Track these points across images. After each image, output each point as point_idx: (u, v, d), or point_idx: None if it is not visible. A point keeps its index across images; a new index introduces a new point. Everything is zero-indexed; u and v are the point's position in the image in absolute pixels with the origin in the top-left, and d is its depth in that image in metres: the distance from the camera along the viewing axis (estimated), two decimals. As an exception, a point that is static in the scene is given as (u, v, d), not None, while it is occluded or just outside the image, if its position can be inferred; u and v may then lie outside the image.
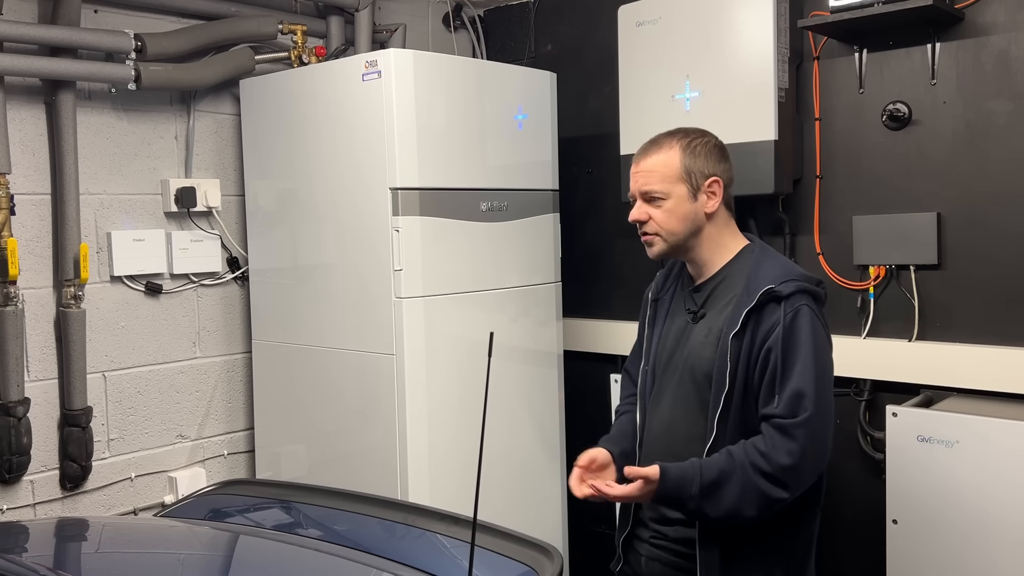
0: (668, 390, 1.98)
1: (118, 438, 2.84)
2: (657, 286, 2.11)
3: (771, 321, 1.82)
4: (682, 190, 1.90)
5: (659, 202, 1.91)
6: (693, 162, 1.91)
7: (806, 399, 1.78)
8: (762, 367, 1.83)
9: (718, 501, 1.77)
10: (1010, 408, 2.40)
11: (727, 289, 1.93)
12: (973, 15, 2.53)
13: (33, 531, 2.10)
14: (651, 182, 1.91)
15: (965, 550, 2.34)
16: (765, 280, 1.85)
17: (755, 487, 1.77)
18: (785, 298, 1.83)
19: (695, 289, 1.99)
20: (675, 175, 1.91)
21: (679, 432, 1.94)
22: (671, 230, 1.92)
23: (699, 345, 1.93)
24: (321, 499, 2.20)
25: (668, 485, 1.78)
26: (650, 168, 1.92)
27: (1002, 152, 2.51)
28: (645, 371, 2.05)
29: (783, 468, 1.76)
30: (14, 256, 2.51)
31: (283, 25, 3.02)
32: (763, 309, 1.83)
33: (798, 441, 1.77)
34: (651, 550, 2.00)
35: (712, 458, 1.81)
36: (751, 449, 1.79)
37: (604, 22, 3.24)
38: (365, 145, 2.62)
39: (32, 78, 2.61)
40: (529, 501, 2.94)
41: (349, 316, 2.72)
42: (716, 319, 1.92)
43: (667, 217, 1.91)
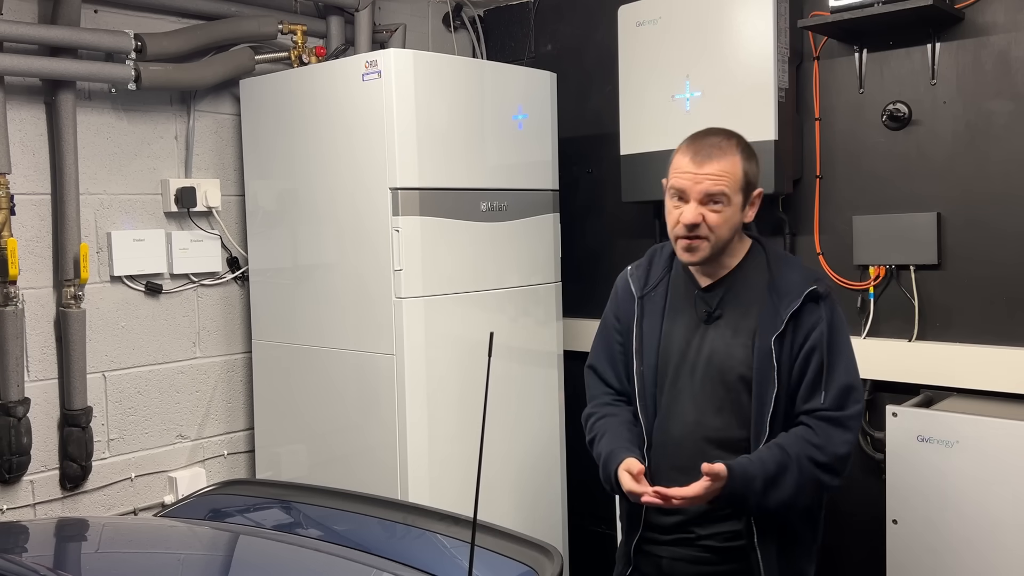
0: (684, 392, 1.95)
1: (118, 438, 2.84)
2: (640, 283, 2.05)
3: (812, 320, 1.87)
4: (739, 200, 1.90)
5: (720, 207, 1.87)
6: (750, 169, 1.91)
7: (856, 392, 1.89)
8: (803, 365, 1.87)
9: (777, 493, 1.81)
10: (1010, 408, 2.40)
11: (745, 290, 1.94)
12: (973, 15, 2.53)
13: (33, 531, 2.10)
14: (719, 186, 1.86)
15: (965, 550, 2.34)
16: (795, 281, 1.90)
17: (812, 477, 1.83)
18: (823, 297, 1.89)
19: (705, 289, 1.97)
20: (739, 183, 1.89)
21: (711, 435, 1.92)
22: (721, 236, 1.89)
23: (726, 347, 1.91)
24: (321, 499, 2.20)
25: (735, 483, 1.79)
26: (718, 173, 1.86)
27: (1002, 152, 2.51)
28: (641, 372, 2.00)
29: (839, 458, 1.85)
30: (14, 256, 2.51)
31: (283, 25, 3.02)
32: (802, 309, 1.87)
33: (852, 431, 1.87)
34: (675, 550, 1.98)
35: (766, 453, 1.84)
36: (802, 442, 1.84)
37: (604, 22, 3.24)
38: (365, 145, 2.62)
39: (32, 78, 2.61)
40: (529, 501, 2.94)
41: (349, 316, 2.72)
42: (741, 320, 1.92)
43: (722, 223, 1.88)
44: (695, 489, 1.78)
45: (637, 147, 2.94)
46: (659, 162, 2.86)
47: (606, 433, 2.01)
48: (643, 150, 2.91)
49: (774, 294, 1.89)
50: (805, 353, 1.87)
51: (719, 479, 1.77)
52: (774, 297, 1.89)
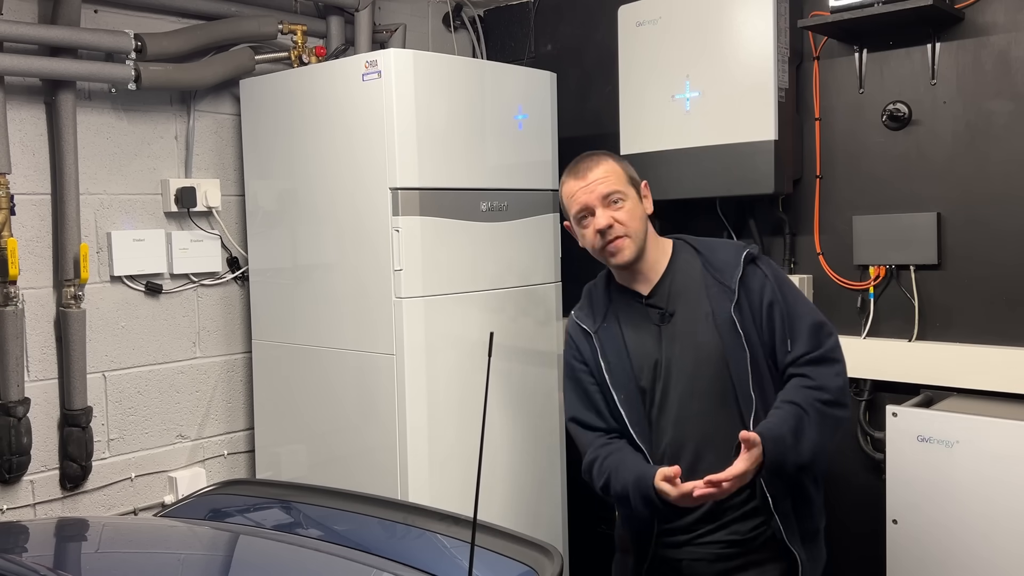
0: (675, 394, 1.99)
1: (118, 438, 2.84)
2: (589, 320, 2.11)
3: (758, 281, 1.99)
4: (633, 192, 2.05)
5: (621, 203, 2.02)
6: (628, 170, 2.08)
7: (825, 326, 1.99)
8: (769, 324, 1.97)
9: (808, 442, 1.87)
10: (1010, 408, 2.40)
11: (686, 281, 2.05)
12: (973, 15, 2.53)
13: (33, 531, 2.10)
14: (611, 184, 2.02)
15: (965, 550, 2.34)
16: (729, 253, 2.03)
17: (827, 416, 1.91)
18: (758, 258, 2.04)
19: (649, 296, 2.06)
20: (624, 179, 2.05)
21: (718, 420, 1.96)
22: (636, 229, 2.02)
23: (693, 336, 1.99)
24: (321, 499, 2.20)
25: (769, 444, 1.83)
26: (603, 175, 2.03)
27: (1002, 152, 2.51)
28: (624, 400, 2.02)
29: (839, 389, 1.94)
30: (14, 256, 2.51)
31: (283, 25, 3.02)
32: (745, 274, 1.99)
33: (839, 361, 1.97)
34: (695, 551, 2.01)
35: (780, 412, 1.90)
36: (803, 390, 1.92)
37: (604, 22, 3.24)
38: (365, 145, 2.62)
39: (32, 78, 2.61)
40: (529, 501, 2.94)
41: (349, 316, 2.72)
42: (695, 308, 2.01)
43: (630, 217, 2.02)
44: (740, 465, 1.81)
45: (637, 147, 2.93)
46: (659, 162, 2.87)
47: (619, 466, 2.00)
48: (643, 150, 2.91)
49: (713, 272, 2.01)
50: (766, 311, 1.97)
51: (756, 445, 1.81)
52: (715, 274, 2.01)
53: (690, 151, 2.79)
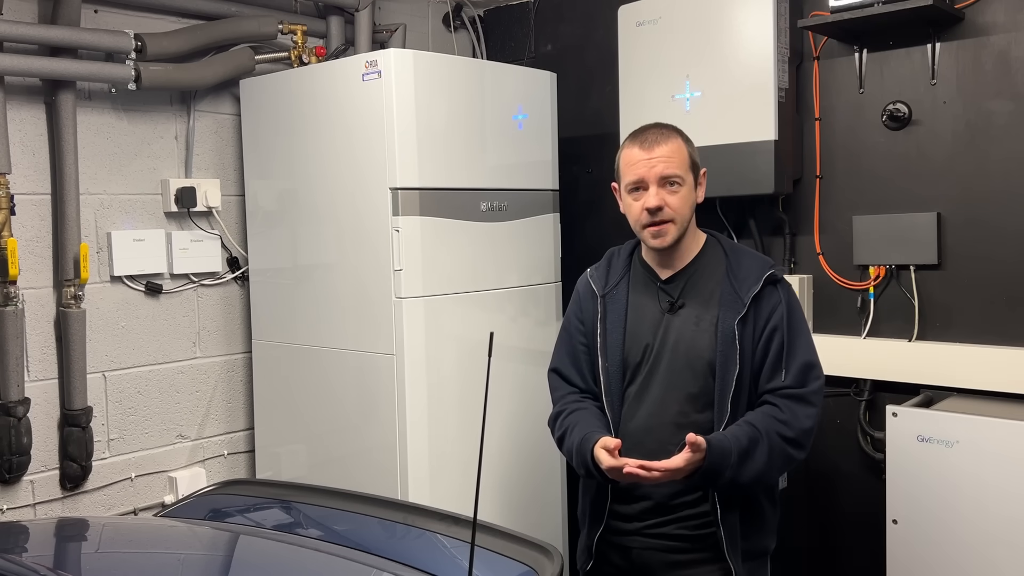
0: (653, 382, 2.02)
1: (118, 438, 2.84)
2: (601, 283, 2.12)
3: (771, 303, 1.98)
4: (691, 179, 2.02)
5: (676, 187, 1.98)
6: (694, 152, 2.04)
7: (816, 369, 1.98)
8: (766, 346, 1.96)
9: (751, 467, 1.88)
10: (1010, 408, 2.40)
11: (705, 279, 2.03)
12: (973, 15, 2.53)
13: (33, 531, 2.10)
14: (673, 167, 1.98)
15: (965, 550, 2.34)
16: (753, 266, 2.01)
17: (781, 451, 1.91)
18: (779, 281, 2.01)
19: (666, 281, 2.06)
20: (687, 163, 2.01)
21: (679, 420, 1.98)
22: (684, 216, 2.00)
23: (692, 334, 1.99)
24: (321, 499, 2.20)
25: (713, 456, 1.84)
26: (668, 154, 1.98)
27: (1002, 152, 2.51)
28: (607, 368, 2.05)
29: (804, 431, 1.93)
30: (14, 256, 2.51)
31: (283, 25, 3.02)
32: (761, 292, 1.97)
33: (815, 406, 1.96)
34: (645, 540, 2.03)
35: (738, 429, 1.90)
36: (769, 419, 1.92)
37: (604, 22, 3.24)
38: (365, 145, 2.62)
39: (32, 78, 2.61)
40: (529, 501, 2.94)
41: (349, 316, 2.72)
42: (704, 308, 2.00)
43: (682, 203, 1.99)
44: (676, 461, 1.82)
45: (637, 146, 2.93)
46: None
47: (577, 424, 2.05)
48: (643, 150, 2.91)
49: (733, 280, 1.99)
50: (767, 334, 1.96)
51: (700, 450, 1.82)
52: (733, 283, 1.99)
53: (690, 151, 2.79)
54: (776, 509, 2.08)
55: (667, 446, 1.91)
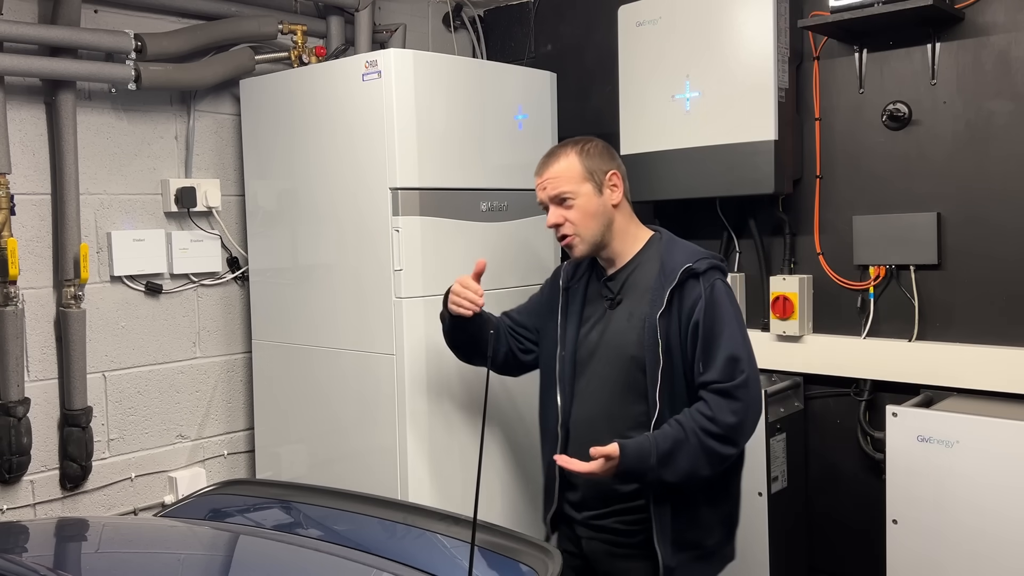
0: (594, 375, 2.10)
1: (118, 438, 2.84)
2: (567, 275, 2.22)
3: (693, 296, 2.00)
4: (588, 188, 2.08)
5: (570, 202, 2.07)
6: (591, 162, 2.10)
7: (741, 362, 1.96)
8: (692, 339, 1.99)
9: (675, 467, 1.92)
10: (1010, 408, 2.40)
11: (642, 275, 2.09)
12: (973, 15, 2.53)
13: (33, 531, 2.10)
14: (559, 185, 2.08)
15: (965, 550, 2.34)
16: (679, 261, 2.03)
17: (707, 448, 1.93)
18: (702, 274, 2.02)
19: (609, 278, 2.13)
20: (579, 176, 2.08)
21: (616, 413, 2.06)
22: (587, 227, 2.08)
23: (622, 329, 2.07)
24: (321, 499, 2.20)
25: (628, 460, 1.91)
26: (555, 174, 2.09)
27: (1002, 152, 2.51)
28: (562, 356, 2.14)
29: (730, 427, 1.94)
30: (14, 256, 2.51)
31: (283, 25, 3.02)
32: (683, 287, 2.00)
33: (741, 400, 1.95)
34: (589, 532, 2.12)
35: (662, 429, 1.95)
36: (696, 415, 1.95)
37: (604, 22, 3.24)
38: (365, 145, 2.62)
39: (32, 78, 2.61)
40: (529, 501, 2.94)
41: (349, 316, 2.72)
42: (636, 304, 2.07)
43: (581, 215, 2.07)
44: (590, 466, 1.90)
45: (637, 147, 2.94)
46: (659, 162, 2.87)
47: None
48: (643, 150, 2.92)
49: (662, 275, 2.04)
50: (692, 328, 1.99)
51: (612, 459, 1.89)
52: (661, 278, 2.04)
53: (690, 151, 2.79)
54: (718, 505, 2.07)
55: (603, 438, 1.96)
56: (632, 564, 2.07)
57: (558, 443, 2.13)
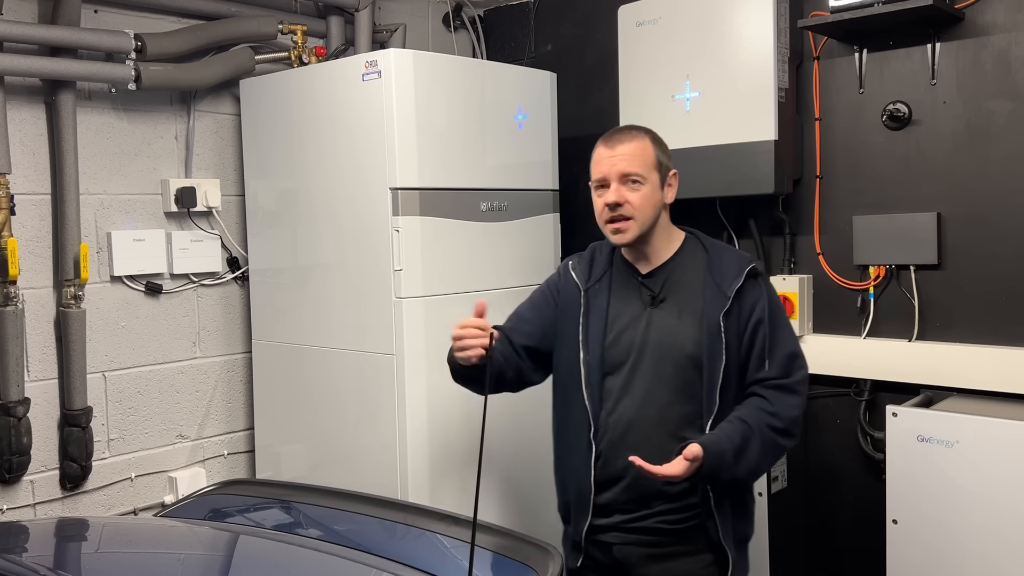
0: (638, 376, 2.02)
1: (118, 438, 2.84)
2: (583, 276, 2.13)
3: (754, 296, 2.02)
4: (655, 178, 2.03)
5: (638, 186, 2.00)
6: (662, 154, 2.06)
7: (799, 359, 2.04)
8: (750, 338, 2.00)
9: (747, 463, 1.93)
10: (1010, 408, 2.40)
11: (685, 275, 2.06)
12: (973, 15, 2.53)
13: (33, 531, 2.10)
14: (633, 165, 2.00)
15: (965, 550, 2.34)
16: (733, 261, 2.05)
17: (773, 443, 1.96)
18: (760, 274, 2.05)
19: (646, 276, 2.08)
20: (652, 163, 2.03)
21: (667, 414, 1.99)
22: (645, 215, 2.02)
23: (674, 327, 2.01)
24: (321, 499, 2.20)
25: (710, 459, 1.87)
26: (631, 153, 2.01)
27: (1002, 152, 2.51)
28: (587, 361, 2.05)
29: (792, 420, 1.99)
30: (14, 256, 2.51)
31: (283, 25, 3.02)
32: (744, 286, 2.01)
33: (800, 395, 2.01)
34: (624, 536, 2.04)
35: (729, 427, 1.94)
36: (760, 412, 1.96)
37: (604, 22, 3.24)
38: (365, 145, 2.62)
39: (32, 78, 2.61)
40: (529, 501, 2.94)
41: (349, 316, 2.72)
42: (685, 302, 2.03)
43: (643, 202, 2.01)
44: (676, 468, 1.85)
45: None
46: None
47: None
48: (643, 150, 2.91)
49: (715, 275, 2.03)
50: (752, 326, 2.00)
51: (697, 460, 1.85)
52: (715, 277, 2.02)
53: (690, 151, 2.79)
54: (753, 500, 2.14)
55: (652, 439, 1.95)
56: (672, 564, 2.02)
57: (591, 449, 2.02)
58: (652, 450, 1.90)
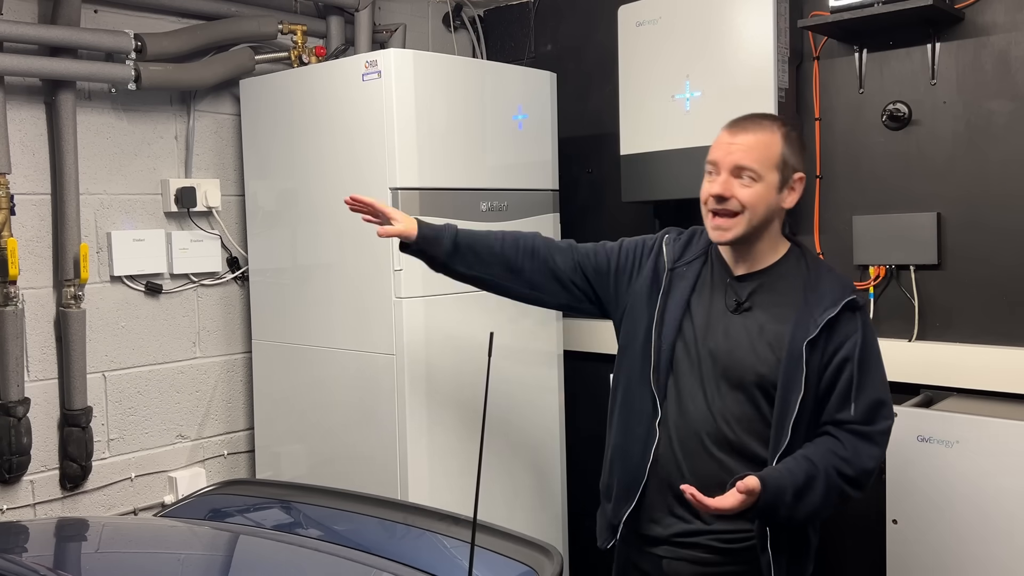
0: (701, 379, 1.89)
1: (118, 438, 2.84)
2: (674, 254, 1.97)
3: (847, 330, 1.82)
4: (774, 178, 1.85)
5: (751, 182, 1.83)
6: (790, 153, 1.87)
7: (886, 408, 1.85)
8: (834, 374, 1.82)
9: (806, 505, 1.77)
10: (1010, 408, 2.40)
11: (779, 288, 1.89)
12: (973, 15, 2.53)
13: (33, 531, 2.10)
14: (750, 158, 1.83)
15: (965, 550, 2.34)
16: (833, 287, 1.86)
17: (838, 489, 1.79)
18: (860, 308, 1.86)
19: (738, 279, 1.91)
20: (774, 160, 1.85)
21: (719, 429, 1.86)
22: (756, 214, 1.84)
23: (750, 342, 1.85)
24: (321, 499, 2.20)
25: (768, 496, 1.73)
26: (751, 145, 1.84)
27: (1002, 152, 2.51)
28: (658, 346, 1.91)
29: (866, 472, 1.81)
30: (14, 256, 2.51)
31: (283, 25, 3.02)
32: (838, 317, 1.82)
33: (881, 447, 1.84)
34: (675, 550, 1.93)
35: (794, 464, 1.78)
36: (830, 455, 1.79)
37: (604, 22, 3.24)
38: (365, 145, 2.62)
39: (32, 78, 2.61)
40: (529, 501, 2.94)
41: (349, 316, 2.72)
42: (771, 319, 1.86)
43: (754, 200, 1.83)
44: (729, 501, 1.71)
45: (637, 147, 2.93)
46: (659, 162, 2.87)
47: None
48: (643, 150, 2.91)
49: (811, 297, 1.84)
50: (838, 363, 1.82)
51: (753, 495, 1.71)
52: (811, 300, 1.84)
53: (690, 151, 2.79)
54: (817, 534, 1.96)
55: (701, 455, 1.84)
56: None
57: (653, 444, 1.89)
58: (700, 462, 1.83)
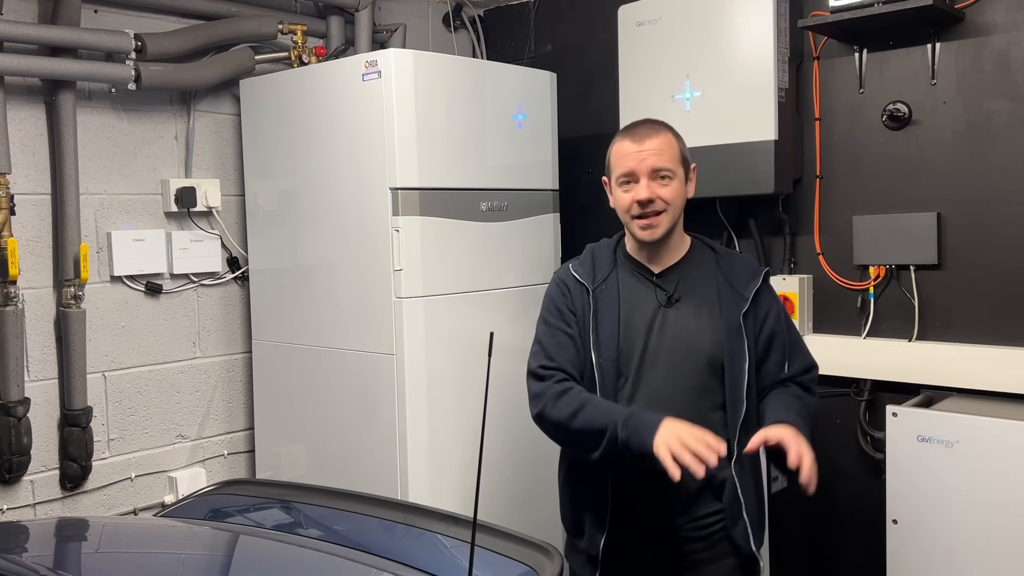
0: (658, 375, 1.97)
1: (118, 438, 2.84)
2: (588, 278, 2.05)
3: (768, 299, 2.06)
4: (682, 172, 2.02)
5: (667, 180, 1.98)
6: (684, 149, 2.05)
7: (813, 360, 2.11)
8: (768, 340, 2.03)
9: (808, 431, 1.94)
10: (1010, 408, 2.40)
11: (697, 275, 2.05)
12: (973, 15, 2.53)
13: (33, 531, 2.10)
14: (663, 160, 1.97)
15: (965, 550, 2.34)
16: (745, 264, 2.08)
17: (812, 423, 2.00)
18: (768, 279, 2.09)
19: (660, 275, 2.05)
20: (678, 157, 2.01)
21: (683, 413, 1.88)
22: (675, 209, 2.00)
23: (691, 328, 1.99)
24: (321, 499, 2.20)
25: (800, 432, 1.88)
26: (660, 148, 1.98)
27: (1002, 152, 2.51)
28: (600, 364, 1.98)
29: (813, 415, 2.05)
30: (14, 256, 2.51)
31: (283, 25, 3.02)
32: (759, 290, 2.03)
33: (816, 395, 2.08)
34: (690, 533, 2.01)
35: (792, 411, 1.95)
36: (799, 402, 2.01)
37: (604, 22, 3.24)
38: (365, 145, 2.62)
39: (32, 78, 2.61)
40: (529, 501, 2.94)
41: (349, 316, 2.72)
42: (701, 302, 2.01)
43: (673, 196, 1.99)
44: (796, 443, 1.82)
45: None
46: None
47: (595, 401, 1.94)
48: (643, 150, 2.91)
49: (731, 277, 2.04)
50: (769, 329, 2.03)
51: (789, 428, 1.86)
52: (732, 279, 2.03)
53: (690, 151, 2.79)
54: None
55: None
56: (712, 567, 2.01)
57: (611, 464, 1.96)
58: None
